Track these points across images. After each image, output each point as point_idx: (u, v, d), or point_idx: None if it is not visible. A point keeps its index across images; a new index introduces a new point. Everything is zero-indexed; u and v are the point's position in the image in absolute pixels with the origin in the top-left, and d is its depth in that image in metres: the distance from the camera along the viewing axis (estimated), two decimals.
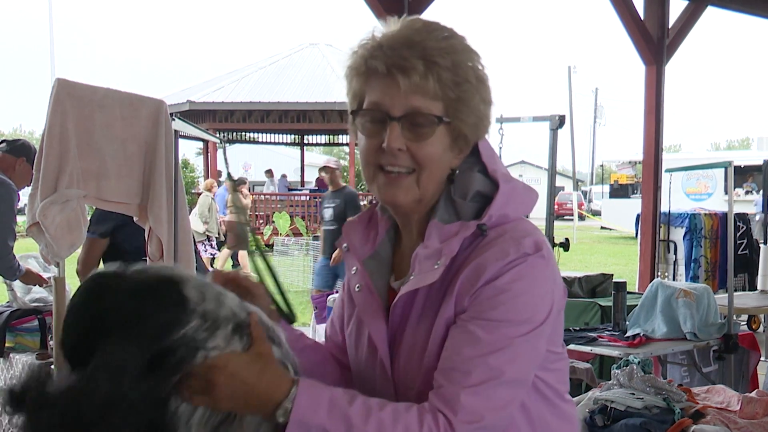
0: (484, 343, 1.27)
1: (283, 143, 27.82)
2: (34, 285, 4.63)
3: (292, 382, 1.24)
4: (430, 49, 1.31)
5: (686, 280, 8.29)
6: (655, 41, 7.91)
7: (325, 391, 1.24)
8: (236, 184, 12.94)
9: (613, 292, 4.58)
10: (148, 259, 3.76)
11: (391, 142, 1.33)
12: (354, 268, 1.47)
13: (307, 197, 20.91)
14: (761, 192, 10.19)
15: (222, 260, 12.91)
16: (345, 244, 1.50)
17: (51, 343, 4.25)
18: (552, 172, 5.02)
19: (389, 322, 1.40)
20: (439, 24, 1.37)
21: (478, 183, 1.39)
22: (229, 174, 10.32)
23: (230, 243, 12.95)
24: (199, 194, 15.64)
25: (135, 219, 3.77)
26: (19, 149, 4.72)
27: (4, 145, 4.78)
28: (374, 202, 1.52)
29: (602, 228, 28.39)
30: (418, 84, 1.31)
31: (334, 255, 7.68)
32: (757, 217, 9.03)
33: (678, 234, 8.73)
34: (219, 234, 13.14)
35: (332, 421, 1.21)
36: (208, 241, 12.79)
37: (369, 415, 1.22)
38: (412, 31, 1.34)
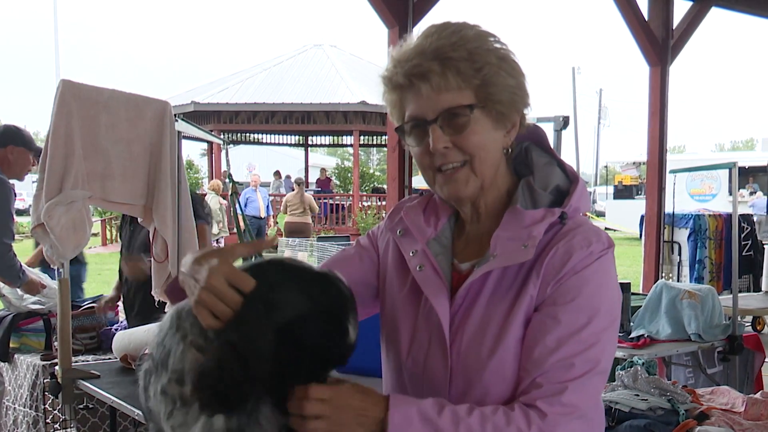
0: (580, 338, 1.34)
1: (287, 144, 27.88)
2: (36, 294, 4.58)
3: (385, 400, 1.30)
4: (440, 49, 1.37)
5: (690, 281, 8.28)
6: (660, 42, 7.91)
7: (414, 405, 1.30)
8: (235, 187, 13.04)
9: None
10: (152, 259, 3.77)
11: (435, 143, 1.39)
12: (413, 250, 1.51)
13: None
14: (762, 193, 10.17)
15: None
16: (400, 229, 1.55)
17: (55, 344, 4.25)
18: None
19: (454, 301, 1.44)
20: (449, 23, 1.42)
21: (558, 177, 1.48)
22: (230, 175, 10.26)
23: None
24: (204, 195, 15.67)
25: (140, 220, 3.78)
26: (4, 139, 4.49)
27: None
28: (421, 193, 1.60)
29: (606, 229, 28.27)
30: (439, 84, 1.37)
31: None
32: (755, 218, 9.07)
33: (682, 235, 8.72)
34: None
35: None
36: (218, 243, 12.80)
37: (458, 423, 1.28)
38: (422, 39, 1.40)
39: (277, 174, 24.19)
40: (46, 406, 4.17)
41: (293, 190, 16.64)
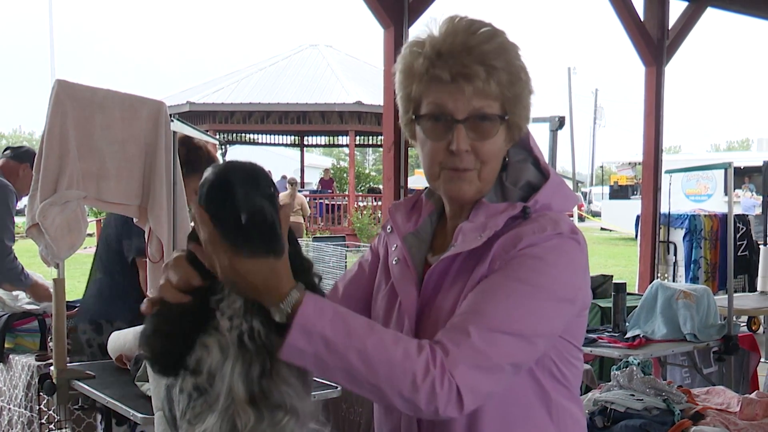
0: (503, 297, 1.33)
1: (283, 144, 27.84)
2: (45, 300, 4.55)
3: (293, 286, 1.27)
4: (486, 54, 1.38)
5: (686, 282, 8.29)
6: (655, 42, 7.91)
7: (331, 305, 1.29)
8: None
9: (612, 293, 4.58)
10: (148, 260, 3.76)
11: (459, 143, 1.40)
12: (395, 245, 1.54)
13: (307, 198, 20.91)
14: (759, 192, 10.20)
15: None
16: (389, 226, 1.58)
17: (51, 344, 4.24)
18: None
19: (421, 292, 1.46)
20: (482, 22, 1.44)
21: (530, 173, 1.50)
22: None
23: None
24: None
25: (135, 221, 3.77)
26: (22, 156, 4.77)
27: (8, 152, 4.86)
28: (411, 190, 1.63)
29: (602, 229, 28.39)
30: (481, 88, 1.39)
31: None
32: (749, 217, 9.11)
33: (678, 235, 8.74)
34: None
35: (334, 331, 1.25)
36: None
37: (371, 332, 1.28)
38: (465, 36, 1.40)
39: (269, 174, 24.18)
40: (41, 406, 4.16)
41: (286, 189, 16.72)
